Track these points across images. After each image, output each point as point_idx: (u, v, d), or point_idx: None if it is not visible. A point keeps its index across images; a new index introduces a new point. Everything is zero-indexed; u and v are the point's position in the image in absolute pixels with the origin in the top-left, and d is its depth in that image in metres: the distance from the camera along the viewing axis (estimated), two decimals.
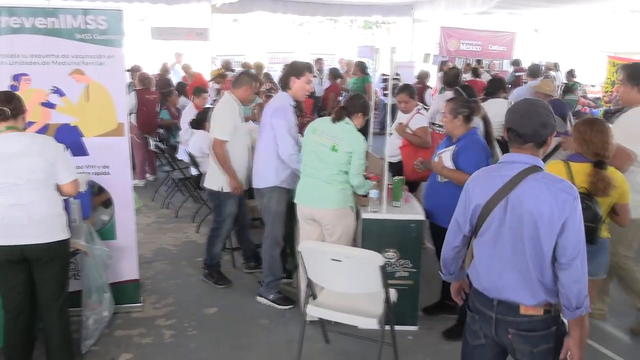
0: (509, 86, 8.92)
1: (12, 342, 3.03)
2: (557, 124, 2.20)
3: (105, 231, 3.83)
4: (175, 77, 11.00)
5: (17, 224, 2.84)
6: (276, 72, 10.68)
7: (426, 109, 5.41)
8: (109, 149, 3.76)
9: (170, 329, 3.84)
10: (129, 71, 8.91)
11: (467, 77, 10.07)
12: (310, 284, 3.19)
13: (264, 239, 4.16)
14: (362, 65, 9.92)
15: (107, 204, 3.86)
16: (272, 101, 4.17)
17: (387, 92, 4.69)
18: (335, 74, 10.42)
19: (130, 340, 3.67)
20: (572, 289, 2.03)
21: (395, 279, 3.66)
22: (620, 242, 3.46)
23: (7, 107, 2.85)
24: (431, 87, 10.59)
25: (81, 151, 3.71)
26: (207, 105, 7.00)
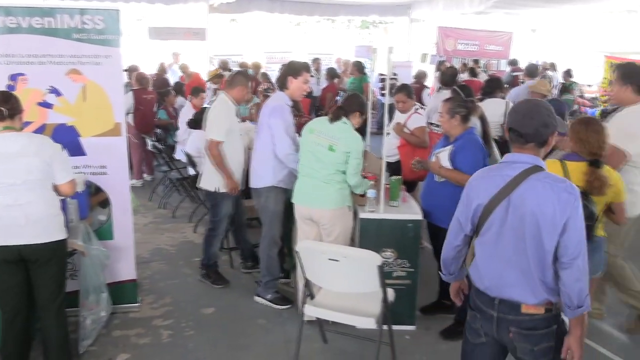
0: (507, 86, 8.93)
1: (10, 342, 3.02)
2: (559, 125, 2.22)
3: (102, 231, 3.83)
4: (172, 77, 11.00)
5: (14, 224, 2.83)
6: (274, 72, 10.69)
7: (424, 109, 5.41)
8: (106, 149, 3.76)
9: (167, 329, 3.84)
10: (126, 71, 8.90)
11: (464, 77, 10.08)
12: (307, 284, 3.20)
13: (261, 239, 4.16)
14: (359, 65, 9.93)
15: (105, 204, 3.86)
16: (270, 101, 4.17)
17: (384, 91, 4.69)
18: (332, 73, 10.41)
19: (127, 340, 3.67)
20: (574, 287, 2.04)
21: (392, 279, 3.66)
22: (612, 240, 3.46)
23: (4, 107, 2.84)
24: (429, 87, 10.59)
25: (78, 151, 3.70)
26: (205, 105, 6.98)
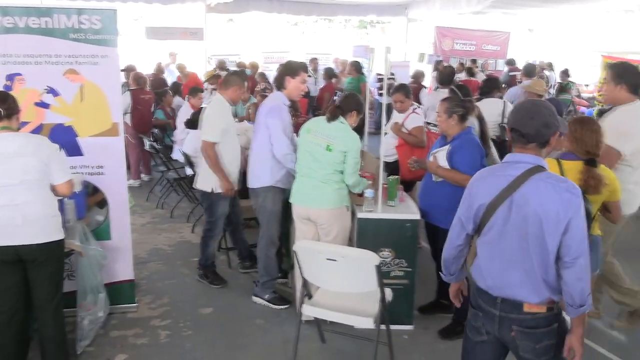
0: (504, 86, 8.95)
1: (7, 342, 3.01)
2: (561, 125, 2.23)
3: (99, 231, 3.82)
4: (169, 77, 10.98)
5: (11, 224, 2.83)
6: (271, 72, 10.67)
7: (421, 109, 5.42)
8: (104, 149, 3.75)
9: (165, 329, 3.84)
10: (123, 71, 8.89)
11: (461, 76, 10.08)
12: (305, 284, 3.19)
13: (259, 239, 4.16)
14: (357, 64, 9.92)
15: (102, 204, 3.85)
16: (267, 101, 4.17)
17: (382, 91, 4.69)
18: (330, 73, 10.41)
19: (125, 340, 3.67)
20: (576, 287, 2.06)
21: (390, 279, 3.67)
22: (604, 239, 3.46)
23: (1, 107, 2.84)
24: (426, 87, 10.61)
25: (76, 151, 3.70)
26: (203, 105, 6.98)
